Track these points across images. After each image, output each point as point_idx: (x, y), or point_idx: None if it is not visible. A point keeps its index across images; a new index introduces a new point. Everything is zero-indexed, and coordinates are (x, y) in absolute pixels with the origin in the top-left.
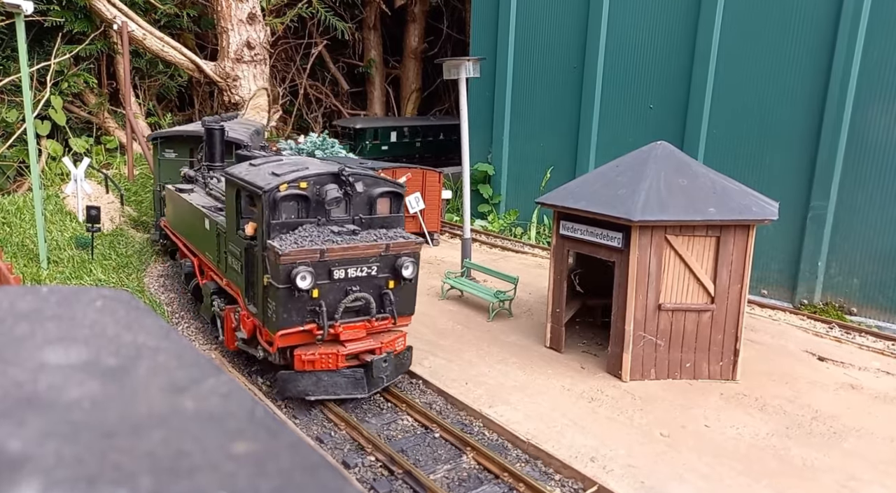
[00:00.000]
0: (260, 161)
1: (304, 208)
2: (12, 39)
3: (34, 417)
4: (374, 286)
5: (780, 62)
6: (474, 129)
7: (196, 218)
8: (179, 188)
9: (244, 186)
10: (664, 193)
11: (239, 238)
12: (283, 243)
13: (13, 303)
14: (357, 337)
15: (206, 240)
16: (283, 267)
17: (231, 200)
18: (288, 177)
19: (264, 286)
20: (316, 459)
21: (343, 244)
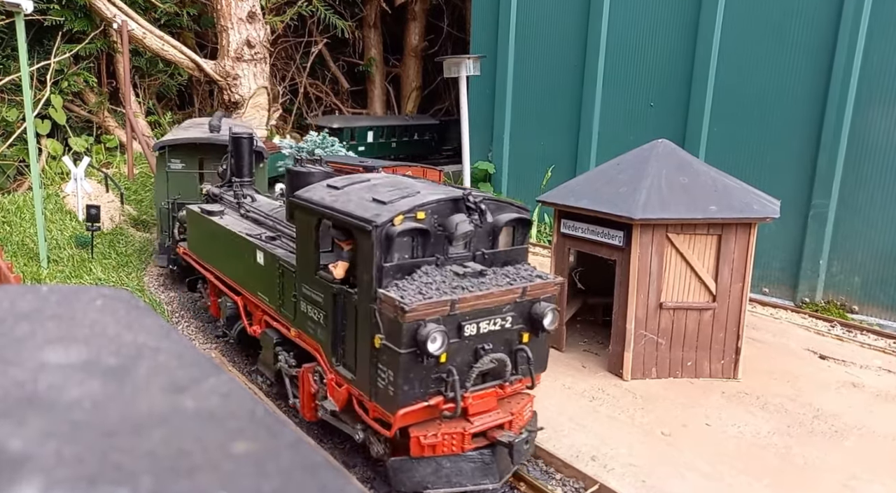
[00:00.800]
0: (343, 182)
1: (419, 245)
2: (12, 38)
3: (35, 416)
4: (505, 341)
5: (781, 60)
6: (475, 127)
7: (241, 249)
8: (207, 210)
9: (335, 216)
10: (665, 192)
11: (320, 281)
12: (405, 294)
13: (13, 302)
14: (486, 408)
15: (259, 277)
16: (408, 326)
17: (307, 233)
18: (401, 206)
19: (375, 349)
20: (317, 458)
21: (475, 292)
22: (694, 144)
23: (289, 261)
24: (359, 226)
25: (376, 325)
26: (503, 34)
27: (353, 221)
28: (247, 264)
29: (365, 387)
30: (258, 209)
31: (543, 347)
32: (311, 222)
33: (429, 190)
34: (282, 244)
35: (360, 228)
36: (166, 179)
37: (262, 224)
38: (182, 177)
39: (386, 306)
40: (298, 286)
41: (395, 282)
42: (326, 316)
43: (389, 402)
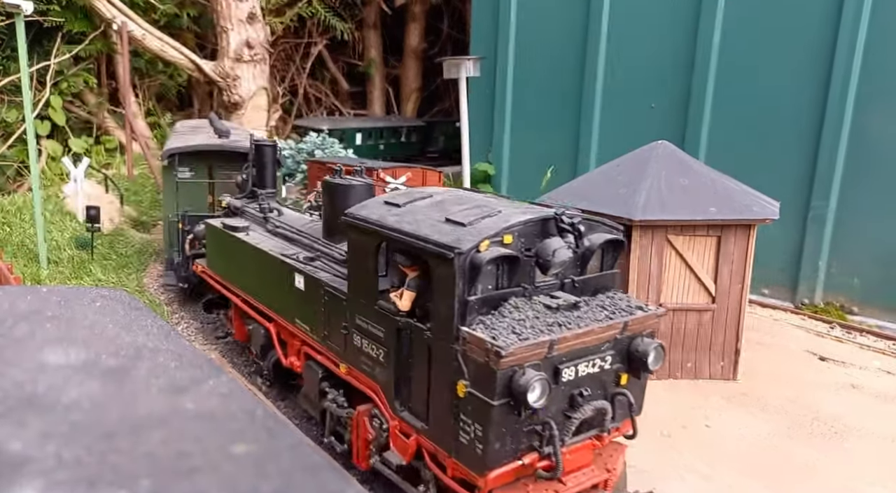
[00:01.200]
0: (403, 198)
1: (504, 274)
2: (12, 39)
3: (34, 418)
4: (601, 385)
5: (781, 61)
6: (474, 128)
7: (273, 271)
8: (230, 226)
9: (404, 240)
10: (665, 193)
11: (380, 312)
12: (497, 334)
13: (13, 303)
14: (581, 464)
15: (298, 304)
16: (503, 373)
17: (364, 257)
18: (484, 228)
19: (457, 397)
20: (317, 460)
21: (575, 329)
22: (694, 146)
23: (336, 287)
24: (436, 252)
25: (459, 369)
26: (503, 36)
27: (428, 247)
28: (281, 288)
29: (442, 441)
30: (288, 225)
31: (641, 388)
32: (370, 245)
33: (510, 208)
34: (323, 266)
35: (437, 256)
36: (175, 190)
37: (295, 242)
38: (191, 187)
39: (473, 349)
40: (350, 317)
41: (481, 318)
42: (387, 353)
43: (477, 461)
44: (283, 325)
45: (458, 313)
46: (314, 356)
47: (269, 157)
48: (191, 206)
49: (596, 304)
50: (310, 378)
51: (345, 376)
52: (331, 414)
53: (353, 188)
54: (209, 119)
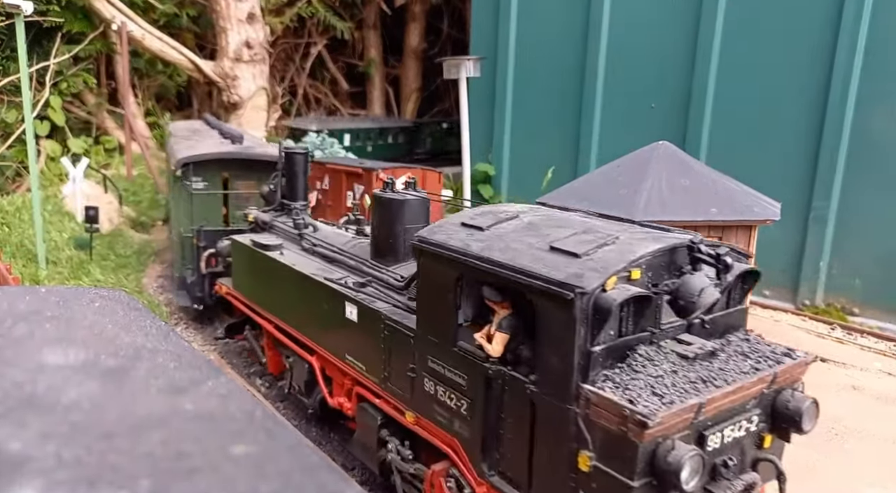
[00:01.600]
0: (486, 220)
1: (630, 316)
2: (12, 40)
3: (34, 418)
4: (743, 450)
5: (781, 62)
6: (475, 129)
7: (317, 297)
8: (261, 244)
9: (497, 272)
10: (666, 194)
11: (461, 356)
12: (633, 394)
13: (12, 304)
14: None
15: (350, 337)
16: (646, 446)
17: (441, 289)
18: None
19: (578, 471)
20: (316, 460)
21: (723, 387)
22: (694, 147)
23: (399, 321)
24: (547, 291)
25: (579, 436)
26: (503, 36)
27: (534, 284)
28: (327, 318)
29: None
30: (327, 243)
31: (782, 449)
32: (448, 276)
33: (624, 232)
34: (378, 294)
35: (549, 295)
36: (190, 202)
37: (337, 263)
38: (204, 199)
39: (601, 413)
40: (420, 358)
41: (606, 373)
42: (472, 405)
43: None
44: (330, 360)
45: (579, 366)
46: (370, 400)
47: (300, 166)
48: (204, 219)
49: (733, 350)
50: (365, 424)
51: (412, 426)
52: (396, 469)
53: (407, 204)
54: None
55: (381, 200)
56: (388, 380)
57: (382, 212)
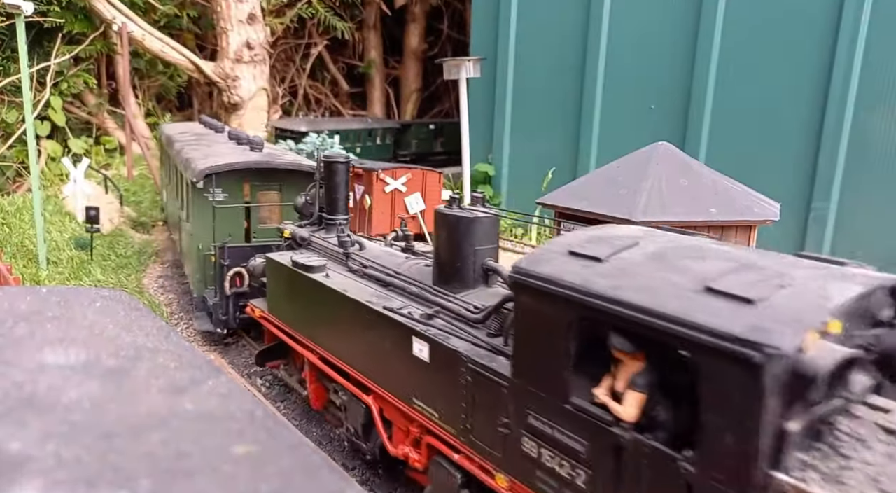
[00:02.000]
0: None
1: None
2: (12, 40)
3: (34, 418)
4: None
5: (781, 63)
6: (474, 129)
7: (375, 330)
8: (302, 264)
9: (635, 319)
10: (666, 194)
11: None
12: (850, 491)
13: (13, 304)
14: None
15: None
16: None
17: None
18: (796, 311)
19: None
20: (317, 460)
21: None
22: (694, 147)
23: (488, 365)
24: (720, 348)
25: None
26: (503, 36)
27: (695, 337)
28: (388, 353)
29: None
30: (379, 264)
31: None
32: (562, 318)
33: (799, 269)
34: (451, 328)
35: (721, 353)
36: (212, 216)
37: (393, 288)
38: (231, 213)
39: None
40: (518, 412)
41: (804, 458)
42: (592, 478)
43: None
44: (391, 401)
45: (767, 449)
46: (447, 454)
47: (341, 176)
48: (227, 235)
49: None
50: (441, 483)
51: (505, 491)
52: None
53: (478, 223)
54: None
55: (446, 218)
56: (470, 432)
57: (448, 231)
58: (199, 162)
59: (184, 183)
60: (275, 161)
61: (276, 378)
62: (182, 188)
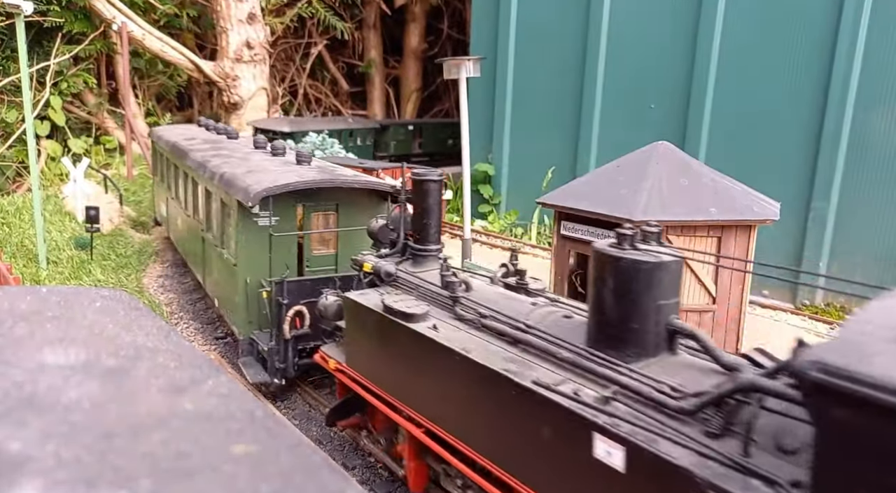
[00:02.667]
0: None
1: None
2: (12, 40)
3: (34, 418)
4: None
5: (781, 62)
6: (474, 129)
7: (526, 414)
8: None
9: None
10: (665, 194)
11: None
12: None
13: (13, 303)
14: None
15: (599, 487)
16: None
17: (890, 471)
18: None
19: None
20: (317, 460)
21: None
22: (694, 147)
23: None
24: None
25: None
26: (503, 36)
27: None
28: (546, 447)
29: None
30: (499, 313)
31: None
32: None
33: None
34: (645, 420)
35: None
36: (269, 245)
37: (529, 348)
38: (284, 240)
39: None
40: None
41: None
42: None
43: None
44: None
45: None
46: None
47: (434, 197)
48: (284, 266)
49: None
50: None
51: None
52: None
53: (663, 270)
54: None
55: (617, 264)
56: None
57: (620, 280)
58: (249, 180)
59: (216, 203)
60: (339, 179)
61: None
62: (213, 209)
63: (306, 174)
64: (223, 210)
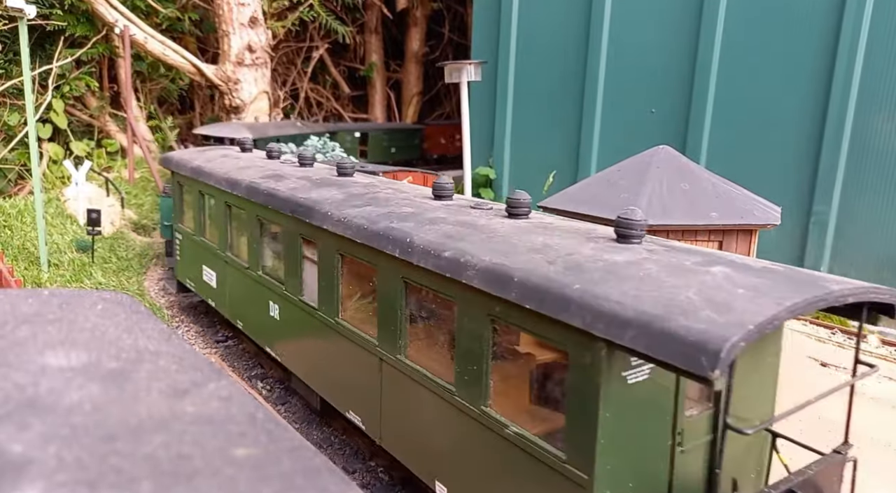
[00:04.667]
0: None
1: None
2: (15, 43)
3: (36, 420)
4: None
5: (782, 67)
6: (475, 132)
7: None
8: None
9: None
10: (666, 198)
11: None
12: None
13: (15, 306)
14: None
15: None
16: None
17: None
18: None
19: None
20: (318, 463)
21: None
22: (695, 151)
23: None
24: None
25: None
26: (504, 40)
27: None
28: None
29: None
30: None
31: None
32: None
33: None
34: None
35: None
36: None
37: None
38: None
39: None
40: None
41: None
42: None
43: None
44: None
45: None
46: None
47: None
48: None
49: None
50: None
51: None
52: None
53: None
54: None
55: None
56: None
57: None
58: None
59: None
60: None
61: (276, 381)
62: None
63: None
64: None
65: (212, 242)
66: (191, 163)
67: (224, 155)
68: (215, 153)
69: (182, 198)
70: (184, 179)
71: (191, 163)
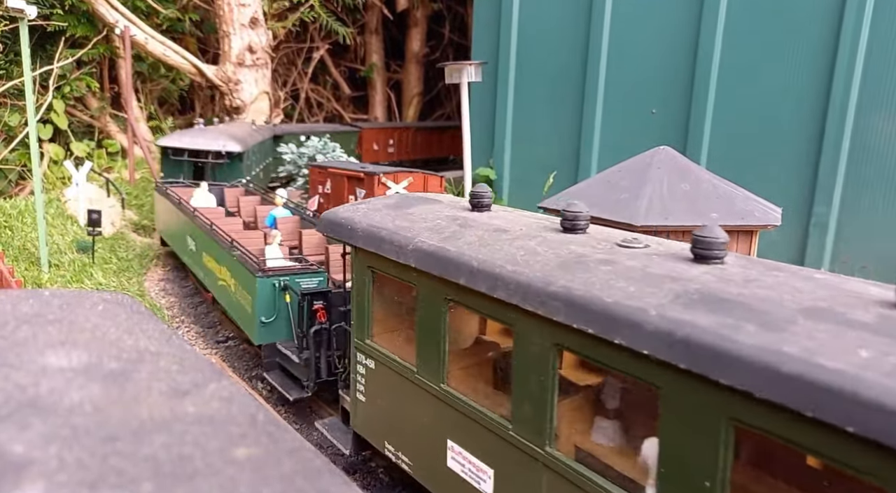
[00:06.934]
0: None
1: None
2: (15, 44)
3: (36, 420)
4: None
5: (782, 68)
6: (476, 133)
7: None
8: None
9: None
10: (667, 199)
11: None
12: None
13: (15, 306)
14: None
15: None
16: None
17: None
18: None
19: None
20: (318, 464)
21: None
22: (695, 151)
23: None
24: None
25: None
26: (505, 40)
27: None
28: None
29: None
30: None
31: None
32: None
33: None
34: None
35: None
36: None
37: None
38: None
39: None
40: None
41: None
42: None
43: None
44: None
45: None
46: None
47: None
48: None
49: None
50: None
51: None
52: None
53: None
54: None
55: None
56: None
57: None
58: None
59: None
60: None
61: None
62: None
63: None
64: None
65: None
66: (426, 246)
67: (461, 224)
68: (442, 219)
69: (373, 298)
70: (398, 270)
71: (426, 246)
